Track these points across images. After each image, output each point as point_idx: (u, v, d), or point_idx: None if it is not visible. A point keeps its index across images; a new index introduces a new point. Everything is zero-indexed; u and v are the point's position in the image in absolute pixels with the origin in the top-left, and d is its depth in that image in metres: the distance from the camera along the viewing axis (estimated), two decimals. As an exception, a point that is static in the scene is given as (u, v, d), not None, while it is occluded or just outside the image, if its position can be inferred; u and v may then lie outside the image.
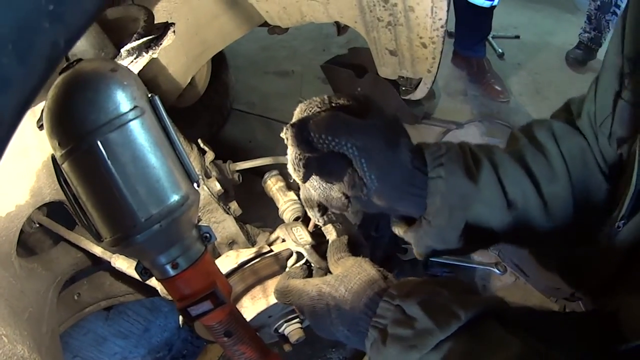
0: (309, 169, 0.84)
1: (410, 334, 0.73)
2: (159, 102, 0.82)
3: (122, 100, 0.76)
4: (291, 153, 0.84)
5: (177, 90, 1.94)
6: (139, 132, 0.78)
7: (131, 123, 0.76)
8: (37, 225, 1.74)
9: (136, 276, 0.98)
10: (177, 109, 2.24)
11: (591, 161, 0.92)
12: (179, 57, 1.85)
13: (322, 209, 0.97)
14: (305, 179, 0.85)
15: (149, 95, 0.83)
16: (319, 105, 0.85)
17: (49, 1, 0.38)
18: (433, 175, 0.85)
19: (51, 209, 1.68)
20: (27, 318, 1.59)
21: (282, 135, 0.83)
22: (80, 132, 0.74)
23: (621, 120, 0.85)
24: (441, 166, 0.85)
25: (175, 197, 0.81)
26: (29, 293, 1.66)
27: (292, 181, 1.52)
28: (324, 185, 0.90)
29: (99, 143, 0.74)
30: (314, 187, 0.91)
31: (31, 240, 1.81)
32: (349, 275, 0.88)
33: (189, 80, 1.99)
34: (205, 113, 2.70)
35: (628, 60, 0.82)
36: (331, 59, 3.19)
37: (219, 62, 2.76)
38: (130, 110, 0.77)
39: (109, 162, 0.75)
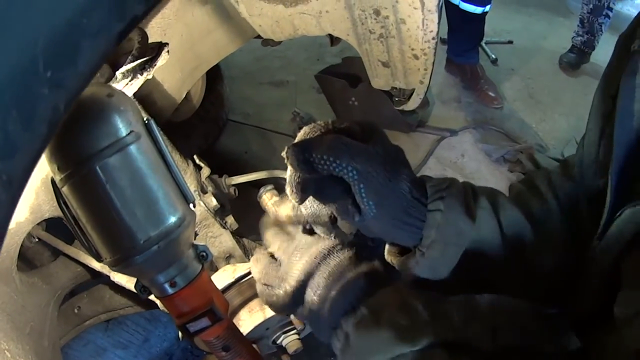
0: (307, 191, 0.84)
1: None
2: (154, 125, 0.85)
3: (119, 126, 0.79)
4: (290, 174, 0.84)
5: (173, 105, 1.96)
6: (136, 156, 0.80)
7: (128, 148, 0.79)
8: (37, 240, 1.76)
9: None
10: (172, 123, 2.27)
11: (583, 205, 0.94)
12: (174, 72, 1.88)
13: (309, 228, 0.98)
14: (301, 201, 0.85)
15: (145, 119, 0.85)
16: (322, 129, 0.86)
17: (46, 68, 0.41)
18: (432, 208, 0.84)
19: (50, 223, 1.70)
20: (29, 332, 1.61)
21: (283, 154, 0.84)
22: (78, 157, 0.76)
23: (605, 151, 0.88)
24: (441, 199, 0.84)
25: (172, 219, 0.84)
26: (30, 307, 1.68)
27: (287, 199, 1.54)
28: (315, 205, 0.91)
29: (97, 168, 0.76)
30: (304, 206, 0.92)
31: (30, 254, 1.83)
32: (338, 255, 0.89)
33: (184, 95, 2.01)
34: (201, 125, 2.72)
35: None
36: (325, 69, 3.21)
37: (213, 73, 2.78)
38: (127, 135, 0.79)
39: (107, 186, 0.77)
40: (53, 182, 0.82)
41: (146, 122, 0.85)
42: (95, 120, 0.77)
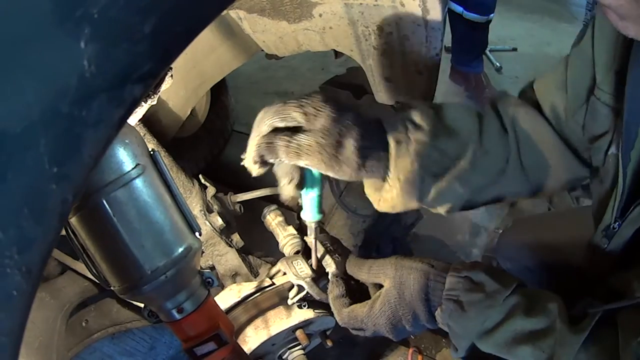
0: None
1: (482, 297, 0.90)
2: (159, 157, 0.87)
3: (125, 159, 0.80)
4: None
5: (178, 123, 1.98)
6: (142, 189, 0.82)
7: (134, 181, 0.81)
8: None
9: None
10: (178, 137, 2.28)
11: (550, 141, 1.08)
12: (178, 90, 1.90)
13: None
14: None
15: (150, 150, 0.87)
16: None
17: (52, 164, 0.43)
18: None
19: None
20: (38, 347, 1.63)
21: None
22: (85, 191, 0.78)
23: (593, 116, 0.98)
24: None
25: (179, 249, 0.86)
26: (38, 322, 1.70)
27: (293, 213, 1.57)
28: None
29: (104, 201, 0.78)
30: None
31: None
32: (402, 279, 0.96)
33: (189, 112, 2.02)
34: (206, 137, 2.73)
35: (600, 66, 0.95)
36: (329, 80, 3.20)
37: (218, 85, 2.78)
38: (133, 168, 0.81)
39: (114, 219, 0.79)
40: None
41: (151, 153, 0.87)
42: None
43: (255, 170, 0.92)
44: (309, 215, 1.03)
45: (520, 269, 1.59)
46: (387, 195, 1.00)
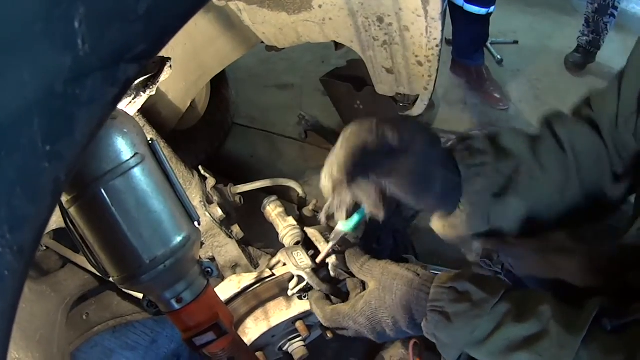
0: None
1: (469, 307, 0.88)
2: (158, 146, 0.86)
3: (123, 148, 0.80)
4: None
5: (178, 115, 1.97)
6: (141, 179, 0.81)
7: (132, 170, 0.80)
8: (44, 248, 1.78)
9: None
10: (178, 130, 2.28)
11: (604, 160, 1.04)
12: (178, 82, 1.89)
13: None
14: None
15: (149, 139, 0.86)
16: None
17: (45, 143, 0.42)
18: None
19: (57, 231, 1.71)
20: (39, 340, 1.63)
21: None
22: (83, 181, 0.78)
23: None
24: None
25: (177, 239, 0.85)
26: (39, 315, 1.70)
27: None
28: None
29: (102, 191, 0.78)
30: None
31: (38, 262, 1.85)
32: (386, 284, 0.97)
33: (188, 104, 2.02)
34: (207, 129, 2.73)
35: None
36: (330, 72, 3.20)
37: (218, 78, 2.78)
38: (132, 157, 0.80)
39: (113, 208, 0.78)
40: (60, 203, 0.84)
41: (150, 142, 0.86)
42: (99, 143, 0.78)
43: (331, 186, 0.92)
44: (346, 225, 1.03)
45: (522, 263, 1.58)
46: (456, 221, 1.02)
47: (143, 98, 1.02)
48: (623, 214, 1.09)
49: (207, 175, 1.66)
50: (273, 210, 1.47)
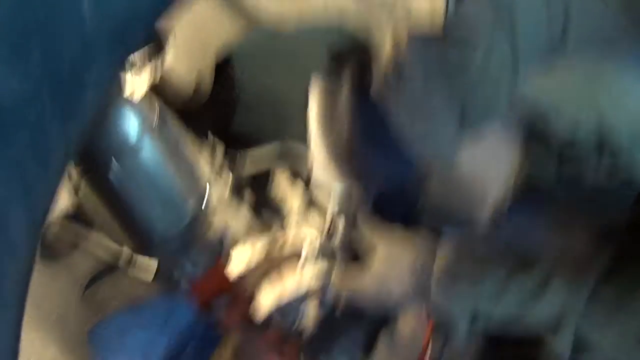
0: None
1: (474, 268, 0.89)
2: (168, 118, 0.86)
3: (133, 124, 0.80)
4: None
5: (183, 95, 1.96)
6: (151, 154, 0.81)
7: (143, 144, 0.80)
8: (57, 229, 1.79)
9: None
10: (183, 111, 2.26)
11: None
12: (182, 61, 1.87)
13: None
14: None
15: (158, 113, 0.86)
16: None
17: (55, 115, 0.42)
18: None
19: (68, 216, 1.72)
20: (55, 319, 1.65)
21: None
22: (93, 158, 0.78)
23: None
24: None
25: (189, 209, 0.86)
26: (53, 296, 1.71)
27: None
28: None
29: (112, 166, 0.78)
30: None
31: (51, 243, 1.86)
32: (395, 248, 0.99)
33: (194, 85, 2.00)
34: (213, 108, 2.71)
35: None
36: (333, 54, 3.17)
37: (223, 57, 2.76)
38: (141, 133, 0.80)
39: (124, 183, 0.79)
40: (70, 175, 0.84)
41: (159, 116, 0.86)
42: (108, 119, 0.78)
43: None
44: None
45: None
46: None
47: (149, 76, 1.02)
48: None
49: (216, 144, 1.65)
50: (282, 173, 1.48)
